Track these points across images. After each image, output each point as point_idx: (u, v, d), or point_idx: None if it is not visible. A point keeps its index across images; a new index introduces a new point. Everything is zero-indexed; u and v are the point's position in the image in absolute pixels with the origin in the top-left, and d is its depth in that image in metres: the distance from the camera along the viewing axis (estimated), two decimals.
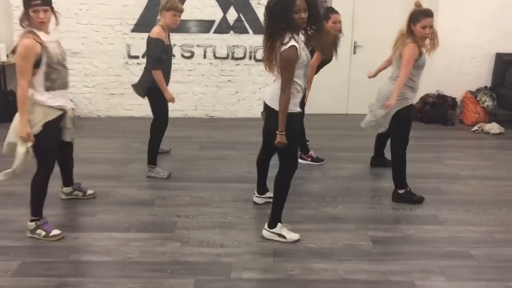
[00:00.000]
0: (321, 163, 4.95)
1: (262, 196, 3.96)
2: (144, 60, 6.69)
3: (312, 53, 4.17)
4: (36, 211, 3.42)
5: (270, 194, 3.87)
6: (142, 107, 6.66)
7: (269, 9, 3.09)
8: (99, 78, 6.77)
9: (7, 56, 6.51)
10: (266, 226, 3.45)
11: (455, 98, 6.82)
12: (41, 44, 3.18)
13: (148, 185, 4.37)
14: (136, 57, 6.66)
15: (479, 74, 6.89)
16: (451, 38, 6.65)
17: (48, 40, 3.28)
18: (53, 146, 3.46)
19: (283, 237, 3.39)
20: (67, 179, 4.00)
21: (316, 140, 5.46)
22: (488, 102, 6.61)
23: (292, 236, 3.40)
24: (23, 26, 3.22)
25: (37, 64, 3.19)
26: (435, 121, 6.61)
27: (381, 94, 4.15)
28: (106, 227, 3.57)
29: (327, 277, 2.96)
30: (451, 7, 6.59)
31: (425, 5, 6.75)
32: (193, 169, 4.75)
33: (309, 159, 4.98)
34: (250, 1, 6.58)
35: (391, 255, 3.22)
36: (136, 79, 6.73)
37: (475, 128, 6.37)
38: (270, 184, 3.85)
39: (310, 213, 3.83)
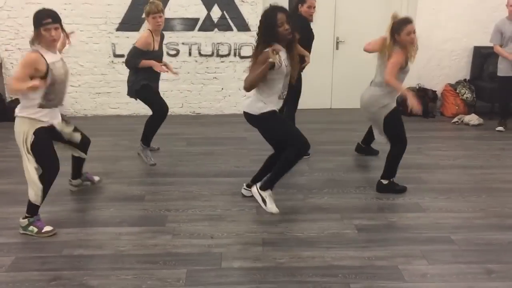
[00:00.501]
0: (308, 156, 5.06)
1: (250, 189, 4.05)
2: None
3: None
4: (33, 210, 3.48)
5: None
6: (129, 106, 6.73)
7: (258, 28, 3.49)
8: (85, 77, 6.80)
9: None
10: (258, 185, 3.76)
11: (435, 91, 7.01)
12: (47, 65, 3.26)
13: (138, 181, 4.44)
14: (122, 55, 6.64)
15: (458, 68, 7.08)
16: (430, 33, 6.83)
17: (55, 60, 3.36)
18: (50, 150, 3.51)
19: (264, 202, 3.71)
20: (76, 173, 4.11)
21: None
22: (467, 95, 6.79)
23: (272, 207, 3.70)
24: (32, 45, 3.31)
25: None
26: (416, 114, 6.76)
27: (363, 100, 4.24)
28: (98, 222, 3.65)
29: (315, 264, 3.07)
30: (430, 2, 6.76)
31: (405, 2, 6.97)
32: (182, 165, 4.83)
33: None
34: None
35: (376, 241, 3.35)
36: (122, 77, 6.81)
37: (455, 119, 6.55)
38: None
39: (297, 204, 3.94)
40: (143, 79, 4.60)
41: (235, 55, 6.82)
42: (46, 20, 3.25)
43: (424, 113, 6.80)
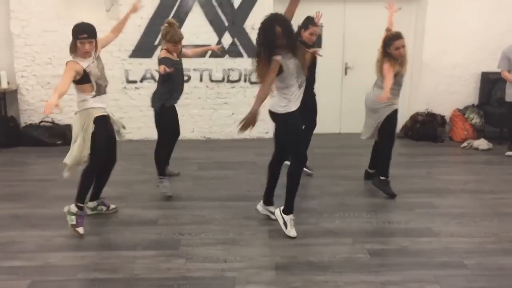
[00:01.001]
0: (311, 173, 5.25)
1: (266, 206, 4.12)
2: (142, 85, 6.93)
3: None
4: (80, 198, 3.89)
5: (272, 209, 4.04)
6: (141, 130, 6.84)
7: (257, 44, 3.66)
8: None
9: (8, 83, 6.66)
10: (281, 208, 3.90)
11: (444, 116, 7.05)
12: (84, 69, 3.73)
13: (151, 205, 4.49)
14: (134, 81, 6.85)
15: (467, 93, 7.14)
16: (438, 59, 6.93)
17: (89, 63, 3.78)
18: (104, 143, 3.90)
19: (285, 226, 3.84)
20: (96, 193, 4.23)
21: (312, 159, 5.63)
22: (476, 119, 6.84)
23: (291, 231, 3.82)
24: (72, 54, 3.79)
25: (80, 81, 3.74)
26: (425, 139, 6.82)
27: (368, 99, 4.74)
28: (112, 245, 3.69)
29: None
30: (437, 28, 6.87)
31: (412, 27, 7.11)
32: (194, 189, 4.88)
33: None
34: (244, 26, 6.82)
35: (388, 266, 3.36)
36: (134, 103, 6.98)
37: (464, 144, 6.58)
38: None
39: (309, 228, 3.97)
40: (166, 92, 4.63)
41: (245, 80, 6.94)
42: (82, 35, 3.68)
43: (433, 138, 6.85)
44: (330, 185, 5.00)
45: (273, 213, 4.05)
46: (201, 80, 6.92)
